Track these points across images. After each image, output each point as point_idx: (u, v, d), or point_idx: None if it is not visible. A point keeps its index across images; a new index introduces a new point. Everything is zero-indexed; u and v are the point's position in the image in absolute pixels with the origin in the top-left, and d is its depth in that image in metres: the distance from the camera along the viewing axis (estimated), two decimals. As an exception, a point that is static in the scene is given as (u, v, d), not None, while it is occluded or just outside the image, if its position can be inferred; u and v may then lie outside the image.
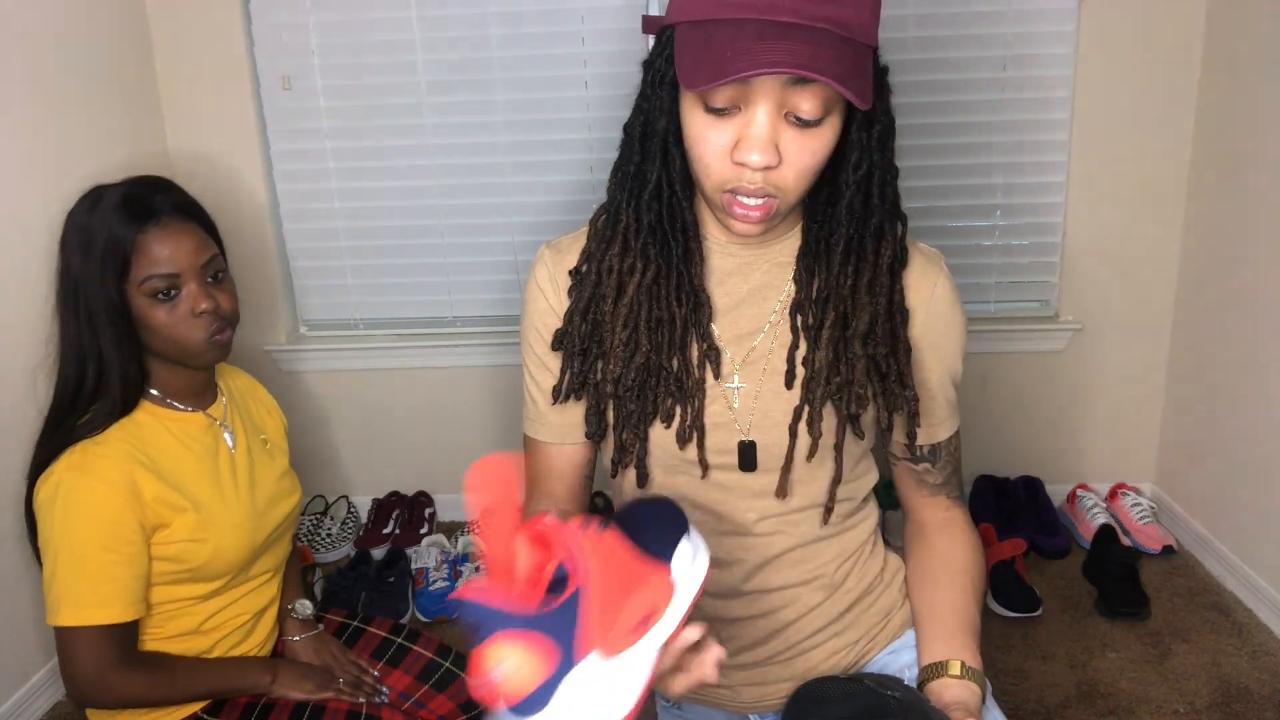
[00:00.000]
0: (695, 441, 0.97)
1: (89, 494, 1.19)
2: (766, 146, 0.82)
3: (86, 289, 1.22)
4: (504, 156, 2.22)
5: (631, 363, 0.96)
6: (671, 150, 0.92)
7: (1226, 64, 1.97)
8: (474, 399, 2.38)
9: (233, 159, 2.24)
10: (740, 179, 0.85)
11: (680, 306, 0.96)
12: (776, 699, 1.08)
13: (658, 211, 0.94)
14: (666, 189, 0.94)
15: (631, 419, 0.98)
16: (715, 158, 0.85)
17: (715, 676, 0.78)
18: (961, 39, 2.09)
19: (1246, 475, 1.97)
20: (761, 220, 0.87)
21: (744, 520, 1.01)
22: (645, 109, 0.92)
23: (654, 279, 0.96)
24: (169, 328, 1.25)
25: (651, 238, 0.95)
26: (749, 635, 1.05)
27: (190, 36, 2.17)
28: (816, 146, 0.85)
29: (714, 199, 0.88)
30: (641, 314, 0.96)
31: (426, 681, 1.55)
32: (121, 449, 1.24)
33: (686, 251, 0.96)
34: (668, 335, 0.96)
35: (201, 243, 1.29)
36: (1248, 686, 1.72)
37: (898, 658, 1.07)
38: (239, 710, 1.36)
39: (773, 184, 0.85)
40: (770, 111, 0.82)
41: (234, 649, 1.39)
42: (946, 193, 2.19)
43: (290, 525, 1.48)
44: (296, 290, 2.37)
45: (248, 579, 1.39)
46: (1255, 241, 1.90)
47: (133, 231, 1.22)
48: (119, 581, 1.21)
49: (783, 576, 1.02)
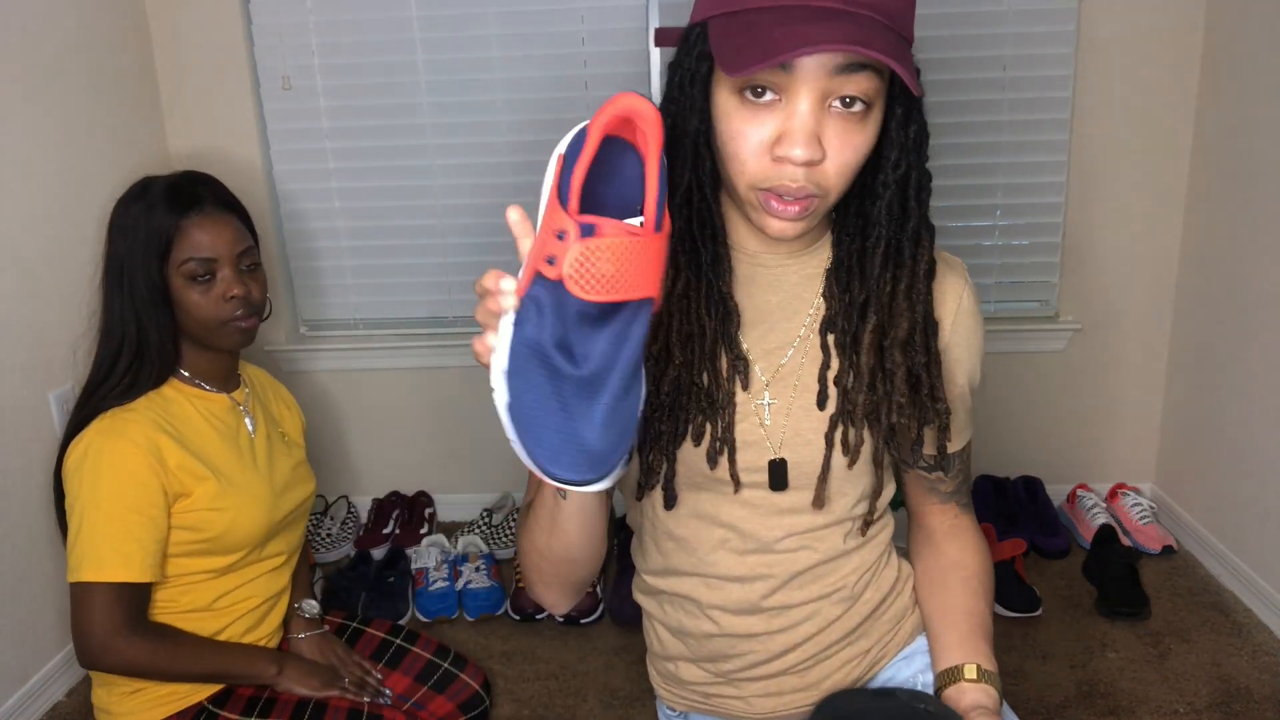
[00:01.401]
0: (726, 457, 0.94)
1: (116, 455, 1.26)
2: (810, 140, 0.78)
3: (131, 268, 1.31)
4: (504, 156, 2.22)
5: (665, 378, 0.92)
6: (702, 151, 0.88)
7: (1226, 65, 1.97)
8: (474, 399, 2.38)
9: (233, 159, 2.24)
10: (781, 177, 0.80)
11: (710, 318, 0.92)
12: (790, 709, 1.07)
13: (687, 217, 0.91)
14: (696, 193, 0.90)
15: (661, 440, 0.94)
16: (753, 154, 0.81)
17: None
18: (961, 39, 2.09)
19: (1246, 475, 1.97)
20: (799, 218, 0.82)
21: (769, 538, 0.98)
22: (673, 111, 0.88)
23: (684, 289, 0.92)
24: (200, 309, 1.34)
25: (681, 245, 0.92)
26: (767, 650, 1.03)
27: (190, 36, 2.17)
28: (859, 142, 0.81)
29: (749, 199, 0.84)
30: (673, 326, 0.92)
31: (426, 683, 1.57)
32: (148, 416, 1.31)
33: (715, 258, 0.92)
34: (698, 349, 0.92)
35: (239, 233, 1.38)
36: (1248, 686, 1.72)
37: (910, 664, 1.07)
38: (243, 703, 1.38)
39: (814, 182, 0.81)
40: (814, 102, 0.78)
41: (244, 635, 1.42)
42: (946, 193, 2.19)
43: (304, 512, 1.53)
44: (296, 290, 2.37)
45: (261, 559, 1.44)
46: (1255, 241, 1.90)
47: (177, 217, 1.32)
48: (140, 542, 1.26)
49: (805, 592, 1.00)
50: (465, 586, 2.07)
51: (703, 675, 1.08)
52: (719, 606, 1.02)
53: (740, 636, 1.02)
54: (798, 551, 0.99)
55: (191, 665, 1.32)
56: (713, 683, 1.08)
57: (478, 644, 1.95)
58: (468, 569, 2.10)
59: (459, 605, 2.06)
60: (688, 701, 1.12)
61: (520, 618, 2.01)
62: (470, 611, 2.04)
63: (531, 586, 0.96)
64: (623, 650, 1.91)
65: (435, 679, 1.57)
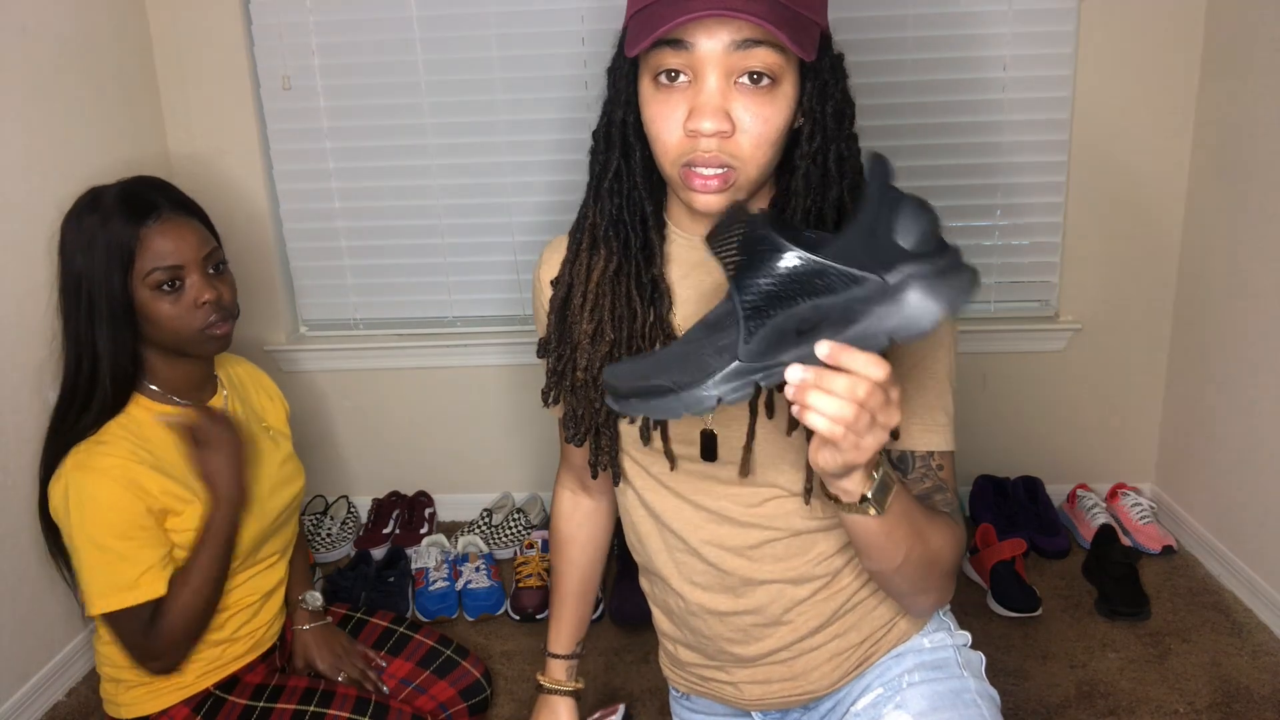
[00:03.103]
0: (660, 433, 1.00)
1: (97, 490, 1.24)
2: (717, 112, 0.84)
3: (90, 285, 1.26)
4: (504, 156, 2.22)
5: (598, 354, 0.98)
6: (631, 141, 0.95)
7: (1226, 64, 1.97)
8: (474, 399, 2.38)
9: (233, 159, 2.24)
10: (695, 149, 0.86)
11: (641, 299, 0.98)
12: (778, 699, 1.08)
13: (618, 204, 0.97)
14: (627, 179, 0.96)
15: (600, 415, 1.01)
16: (669, 131, 0.87)
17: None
18: (961, 39, 2.09)
19: (1246, 475, 1.97)
20: (719, 190, 0.87)
21: (719, 512, 1.02)
22: (608, 110, 0.96)
23: (615, 270, 0.98)
24: (172, 319, 1.29)
25: (613, 229, 0.98)
26: (740, 630, 1.06)
27: (190, 36, 2.17)
28: (769, 114, 0.86)
29: (674, 177, 0.90)
30: (605, 304, 0.98)
31: (428, 667, 1.59)
32: (123, 447, 1.27)
33: (645, 243, 0.98)
34: (628, 329, 0.98)
35: (203, 236, 1.33)
36: (1248, 686, 1.72)
37: (900, 661, 1.07)
38: (250, 690, 1.40)
39: (728, 153, 0.86)
40: (719, 78, 0.84)
41: (243, 626, 1.44)
42: (946, 193, 2.19)
43: (295, 509, 1.53)
44: (296, 290, 2.37)
45: (256, 561, 1.44)
46: (1255, 242, 1.90)
47: (135, 226, 1.26)
48: (142, 564, 1.26)
49: (766, 571, 1.03)
50: (465, 586, 2.07)
51: (696, 657, 1.12)
52: (689, 580, 1.06)
53: (711, 613, 1.06)
54: (748, 527, 1.02)
55: (202, 578, 1.30)
56: (705, 665, 1.12)
57: (478, 644, 1.95)
58: (468, 569, 2.10)
59: (459, 605, 2.06)
60: (688, 683, 1.17)
61: (520, 618, 2.01)
62: (470, 611, 2.04)
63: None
64: (623, 650, 1.91)
65: (437, 664, 1.59)
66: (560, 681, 1.28)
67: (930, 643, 1.08)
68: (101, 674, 1.40)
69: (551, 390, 1.04)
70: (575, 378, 1.01)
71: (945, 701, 1.01)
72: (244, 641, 1.43)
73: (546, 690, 1.28)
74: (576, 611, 1.27)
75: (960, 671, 1.06)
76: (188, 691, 1.37)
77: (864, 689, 1.07)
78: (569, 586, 1.27)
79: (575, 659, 1.29)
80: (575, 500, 1.25)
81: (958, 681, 1.04)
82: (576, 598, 1.27)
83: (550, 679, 1.28)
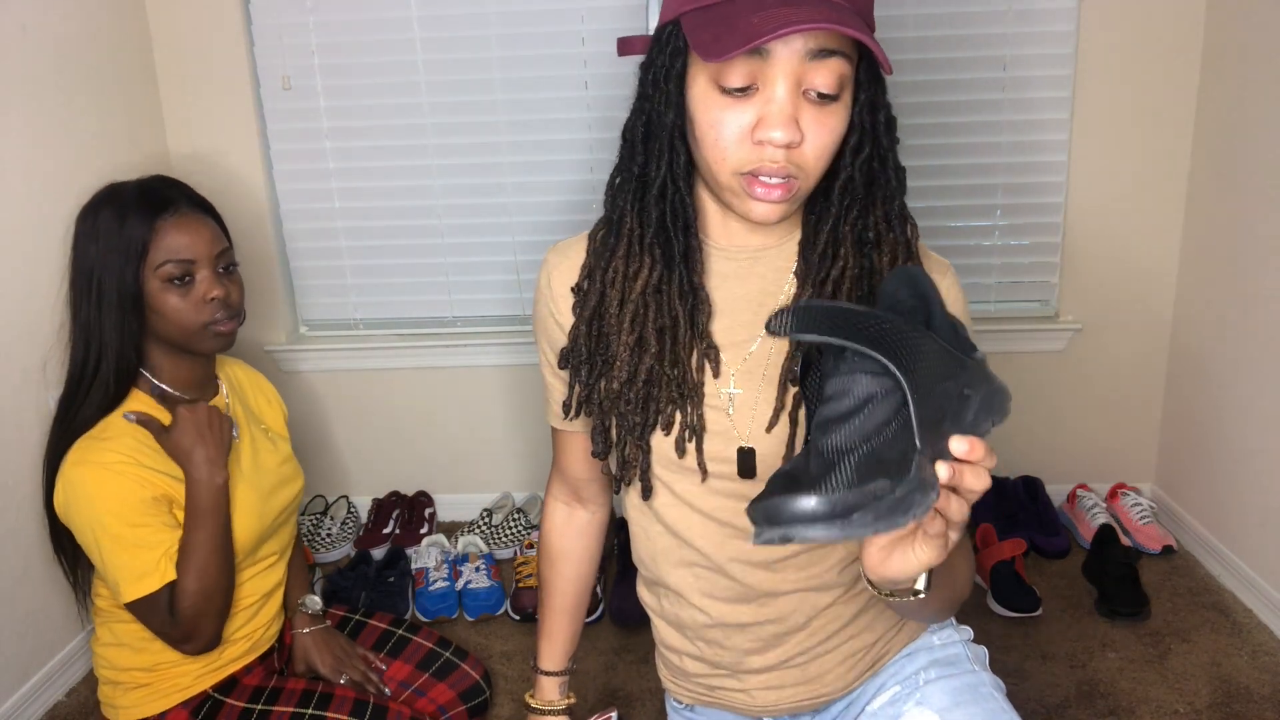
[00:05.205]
0: (695, 445, 0.96)
1: (101, 483, 1.25)
2: (789, 122, 0.82)
3: (102, 274, 1.28)
4: (504, 156, 2.22)
5: (640, 366, 0.95)
6: (677, 146, 0.91)
7: (1226, 64, 1.97)
8: (474, 399, 2.38)
9: (233, 159, 2.24)
10: (762, 159, 0.83)
11: (683, 308, 0.95)
12: (790, 704, 1.07)
13: (661, 210, 0.94)
14: (670, 186, 0.93)
15: (634, 431, 0.97)
16: (734, 140, 0.84)
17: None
18: (961, 39, 2.09)
19: (1246, 475, 1.97)
20: (782, 200, 0.85)
21: (748, 527, 0.99)
22: (646, 109, 0.91)
23: (659, 280, 0.95)
24: (179, 312, 1.31)
25: (657, 238, 0.95)
26: (760, 639, 1.04)
27: (190, 36, 2.17)
28: (834, 124, 0.84)
29: (731, 185, 0.86)
30: (649, 316, 0.95)
31: (427, 670, 1.59)
32: (125, 442, 1.28)
33: (687, 250, 0.95)
34: (671, 339, 0.95)
35: (216, 234, 1.36)
36: (1248, 686, 1.72)
37: (913, 660, 1.07)
38: (249, 692, 1.40)
39: (794, 163, 0.84)
40: (790, 87, 0.81)
41: (243, 627, 1.44)
42: (946, 193, 2.19)
43: (294, 510, 1.54)
44: (296, 290, 2.37)
45: (255, 561, 1.44)
46: (1255, 241, 1.90)
47: (152, 219, 1.29)
48: (160, 547, 1.27)
49: (790, 581, 1.01)
50: (465, 586, 2.07)
51: (704, 668, 1.10)
52: (709, 595, 1.03)
53: (733, 626, 1.04)
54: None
55: (204, 564, 1.29)
56: (715, 674, 1.09)
57: (478, 644, 1.95)
58: (468, 569, 2.10)
59: (459, 605, 2.06)
60: (693, 694, 1.14)
61: (520, 618, 2.01)
62: (470, 611, 2.04)
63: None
64: (623, 650, 1.91)
65: (436, 667, 1.59)
66: (552, 701, 1.23)
67: (940, 640, 1.09)
68: (99, 676, 1.40)
69: (575, 403, 1.01)
70: (608, 400, 0.97)
71: (966, 696, 1.02)
72: (242, 643, 1.43)
73: (538, 711, 1.23)
74: (570, 627, 1.22)
75: (972, 666, 1.06)
76: (186, 694, 1.37)
77: (878, 688, 1.07)
78: (562, 602, 1.21)
79: (568, 675, 1.24)
80: (569, 512, 1.20)
81: (972, 676, 1.05)
82: (569, 613, 1.22)
83: (541, 700, 1.23)
